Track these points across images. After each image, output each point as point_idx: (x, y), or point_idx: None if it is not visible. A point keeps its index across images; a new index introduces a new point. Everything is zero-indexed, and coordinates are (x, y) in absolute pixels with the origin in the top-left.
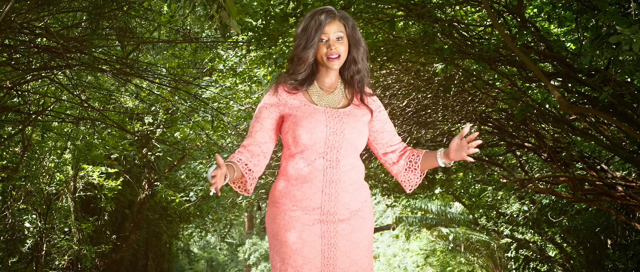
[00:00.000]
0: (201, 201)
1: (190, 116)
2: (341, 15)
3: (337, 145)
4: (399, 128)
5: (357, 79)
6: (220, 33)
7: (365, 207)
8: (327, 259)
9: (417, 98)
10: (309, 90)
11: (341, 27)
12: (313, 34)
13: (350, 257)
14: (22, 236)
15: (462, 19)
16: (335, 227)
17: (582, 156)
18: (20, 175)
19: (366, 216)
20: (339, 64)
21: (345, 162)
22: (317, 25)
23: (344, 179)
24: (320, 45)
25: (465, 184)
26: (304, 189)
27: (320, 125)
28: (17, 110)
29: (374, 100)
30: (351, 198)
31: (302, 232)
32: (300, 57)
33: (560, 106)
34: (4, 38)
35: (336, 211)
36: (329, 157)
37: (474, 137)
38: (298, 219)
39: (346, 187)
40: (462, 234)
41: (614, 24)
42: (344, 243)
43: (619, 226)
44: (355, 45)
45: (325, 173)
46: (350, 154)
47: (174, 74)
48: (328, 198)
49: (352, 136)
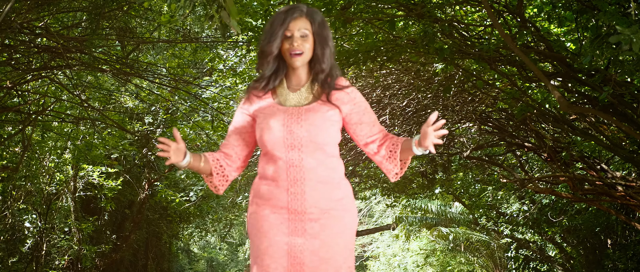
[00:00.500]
0: (201, 201)
1: (190, 116)
2: (309, 12)
3: (297, 143)
4: (399, 128)
5: (320, 78)
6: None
7: (340, 205)
8: (293, 258)
9: (417, 98)
10: (277, 91)
11: (307, 25)
12: (277, 29)
13: (319, 256)
14: (22, 235)
15: (462, 18)
16: (303, 226)
17: (582, 155)
18: (20, 175)
19: (339, 214)
20: (302, 61)
21: (310, 160)
22: (281, 20)
23: (310, 177)
24: (284, 41)
25: (465, 184)
26: (272, 188)
27: (278, 126)
28: (17, 110)
29: (349, 92)
30: (320, 196)
31: (269, 231)
32: (264, 51)
33: (560, 106)
34: (4, 38)
35: (304, 210)
36: (291, 156)
37: (439, 126)
38: (266, 219)
39: (313, 185)
40: (462, 234)
41: (614, 23)
42: (312, 242)
43: (619, 226)
44: (321, 43)
45: (289, 172)
46: (314, 152)
47: (174, 74)
48: (294, 197)
49: (311, 133)
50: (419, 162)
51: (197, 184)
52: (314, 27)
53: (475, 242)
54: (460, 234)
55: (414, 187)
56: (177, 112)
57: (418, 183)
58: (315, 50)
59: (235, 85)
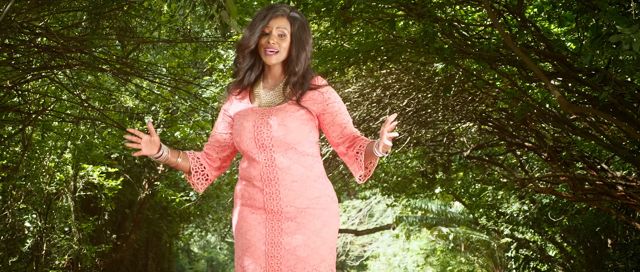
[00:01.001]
0: (201, 200)
1: (191, 116)
2: (290, 14)
3: (267, 143)
4: (399, 128)
5: (292, 80)
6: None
7: (317, 204)
8: (271, 258)
9: (417, 98)
10: (254, 91)
11: (287, 25)
12: (257, 24)
13: (296, 255)
14: (22, 235)
15: (462, 18)
16: (279, 225)
17: (582, 155)
18: (21, 175)
19: (317, 212)
20: (276, 59)
21: (282, 160)
22: (262, 16)
23: (283, 176)
24: (261, 37)
25: (465, 184)
26: (249, 189)
27: (249, 126)
28: (17, 110)
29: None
30: (296, 196)
31: (248, 231)
32: (241, 44)
33: (560, 106)
34: (4, 38)
35: (280, 210)
36: (263, 156)
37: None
38: (245, 219)
39: (288, 185)
40: (463, 233)
41: (614, 23)
42: (289, 241)
43: (619, 226)
44: (297, 46)
45: (263, 172)
46: (286, 151)
47: (174, 74)
48: (269, 197)
49: (280, 132)
50: (419, 162)
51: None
52: (293, 28)
53: (475, 242)
54: (460, 234)
55: (414, 187)
56: (177, 112)
57: (418, 183)
58: (291, 51)
59: None
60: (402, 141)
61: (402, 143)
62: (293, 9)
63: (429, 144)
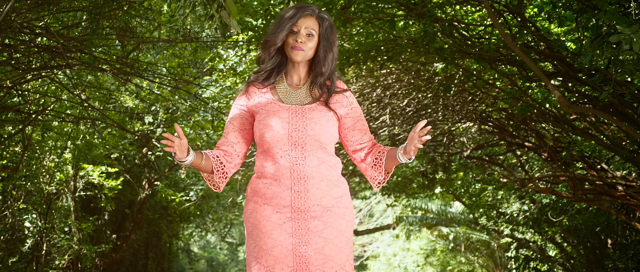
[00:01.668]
0: (201, 200)
1: (191, 116)
2: (320, 14)
3: (301, 141)
4: (399, 128)
5: (319, 82)
6: (220, 33)
7: (340, 203)
8: (298, 258)
9: (417, 97)
10: (277, 88)
11: (315, 25)
12: (285, 22)
13: (324, 254)
14: (22, 235)
15: (462, 18)
16: (306, 225)
17: (582, 155)
18: (21, 175)
19: (341, 211)
20: (302, 57)
21: (312, 159)
22: (291, 14)
23: (313, 175)
24: (289, 35)
25: (465, 184)
26: (273, 187)
27: (283, 123)
28: (17, 110)
29: (346, 96)
30: (323, 194)
31: (272, 231)
32: (268, 41)
33: (560, 106)
34: (4, 38)
35: (307, 208)
36: (295, 154)
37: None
38: (268, 218)
39: (316, 183)
40: (463, 233)
41: (614, 23)
42: (316, 240)
43: (619, 226)
44: (325, 47)
45: (293, 170)
46: (317, 150)
47: (174, 74)
48: (297, 195)
49: (315, 131)
50: (419, 162)
51: (197, 184)
52: (322, 29)
53: (475, 242)
54: (460, 234)
55: (414, 187)
56: (177, 112)
57: (418, 183)
58: (318, 52)
59: (235, 85)
60: (402, 140)
61: (402, 143)
62: (321, 9)
63: (429, 144)
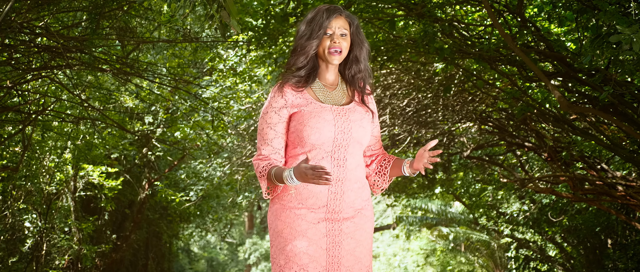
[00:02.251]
0: (201, 200)
1: (191, 116)
2: (347, 14)
3: (345, 143)
4: (399, 128)
5: (358, 78)
6: (220, 33)
7: (368, 205)
8: (332, 258)
9: (418, 98)
10: (312, 87)
11: (346, 25)
12: (319, 26)
13: (355, 256)
14: (22, 235)
15: (462, 18)
16: (339, 226)
17: (582, 155)
18: (21, 175)
19: (368, 214)
20: (339, 59)
21: (352, 161)
22: (324, 18)
23: (350, 177)
24: (324, 38)
25: (465, 184)
26: (311, 187)
27: (329, 125)
28: (17, 110)
29: (372, 99)
30: (356, 196)
31: (307, 230)
32: (304, 47)
33: (560, 106)
34: (4, 38)
35: (341, 210)
36: (337, 155)
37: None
38: (303, 217)
39: (351, 185)
40: (463, 233)
41: (614, 23)
42: (349, 241)
43: (619, 226)
44: (358, 44)
45: (333, 172)
46: (357, 152)
47: (174, 74)
48: (334, 197)
49: (359, 133)
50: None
51: (197, 184)
52: (352, 28)
53: (475, 242)
54: (460, 234)
55: (414, 187)
56: (177, 112)
57: (418, 183)
58: (353, 51)
59: (235, 85)
60: (402, 140)
61: (402, 143)
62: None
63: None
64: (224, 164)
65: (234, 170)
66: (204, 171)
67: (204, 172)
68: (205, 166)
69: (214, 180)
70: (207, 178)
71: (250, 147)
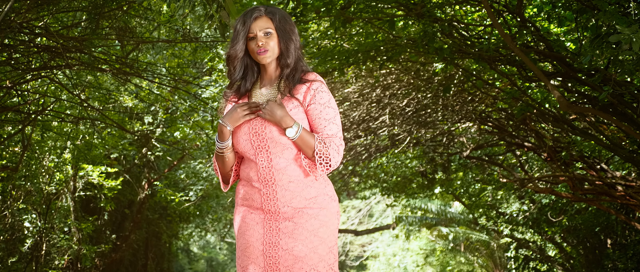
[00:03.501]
0: (201, 200)
1: (190, 116)
2: (268, 10)
3: (264, 144)
4: (398, 128)
5: (286, 72)
6: (220, 33)
7: (314, 203)
8: (269, 259)
9: (417, 98)
10: (252, 93)
11: (268, 23)
12: (239, 32)
13: (293, 255)
14: (21, 235)
15: (461, 18)
16: (277, 225)
17: (581, 155)
18: (20, 175)
19: (314, 212)
20: (270, 57)
21: (279, 161)
22: (242, 23)
23: (280, 177)
24: (249, 43)
25: (465, 184)
26: (247, 190)
27: (244, 128)
28: (17, 110)
29: (313, 89)
30: (293, 196)
31: (245, 232)
32: (229, 55)
33: (560, 106)
34: (3, 38)
35: (278, 210)
36: (261, 157)
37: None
38: (244, 219)
39: (284, 185)
40: (462, 233)
41: (613, 23)
42: (286, 241)
43: (618, 226)
44: (284, 38)
45: (260, 173)
46: (282, 152)
47: (173, 74)
48: (266, 198)
49: (275, 133)
50: (418, 162)
51: (196, 184)
52: (275, 23)
53: (475, 242)
54: (460, 234)
55: (413, 187)
56: (177, 112)
57: (418, 183)
58: (280, 45)
59: None
60: (401, 140)
61: (402, 143)
62: (268, 6)
63: (428, 144)
64: None
65: None
66: (203, 171)
67: (203, 172)
68: (205, 166)
69: (213, 180)
70: (207, 178)
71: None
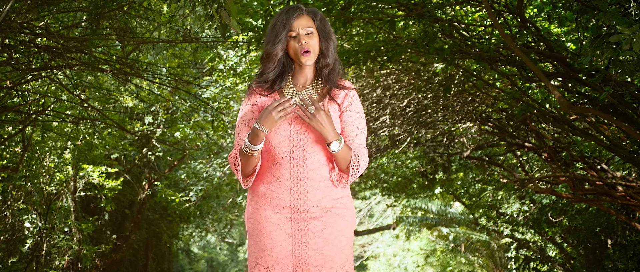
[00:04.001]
0: (201, 201)
1: (191, 116)
2: (309, 10)
3: (303, 143)
4: (399, 128)
5: (325, 73)
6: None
7: (340, 203)
8: (298, 258)
9: (417, 98)
10: (283, 89)
11: (310, 22)
12: (281, 30)
13: (323, 254)
14: (22, 235)
15: (462, 18)
16: (306, 225)
17: (582, 155)
18: (20, 175)
19: (340, 212)
20: (311, 59)
21: (313, 160)
22: (284, 21)
23: (313, 176)
24: (290, 41)
25: (465, 184)
26: (273, 187)
27: (285, 124)
28: (17, 110)
29: (348, 96)
30: (322, 195)
31: (272, 232)
32: (269, 53)
33: (560, 106)
34: (4, 38)
35: (307, 209)
36: (296, 155)
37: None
38: (268, 219)
39: (316, 184)
40: (463, 234)
41: (614, 23)
42: (316, 240)
43: (619, 226)
44: (325, 38)
45: (292, 171)
46: (318, 152)
47: (174, 74)
48: (297, 196)
49: (317, 133)
50: (419, 162)
51: (197, 184)
52: (317, 23)
53: (475, 242)
54: (460, 234)
55: (414, 187)
56: (177, 112)
57: (418, 183)
58: (320, 45)
59: (235, 85)
60: (402, 141)
61: (402, 143)
62: (307, 6)
63: (429, 144)
64: (224, 164)
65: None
66: (204, 171)
67: (204, 173)
68: (205, 166)
69: (214, 180)
70: (207, 178)
71: None
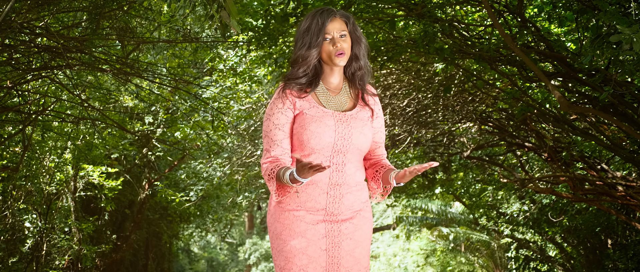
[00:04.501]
0: (201, 201)
1: (191, 116)
2: (341, 13)
3: (344, 149)
4: (399, 128)
5: (358, 76)
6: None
7: (366, 206)
8: (331, 258)
9: (418, 98)
10: (316, 91)
11: (343, 25)
12: (317, 33)
13: (354, 256)
14: (22, 235)
15: (462, 18)
16: (338, 227)
17: (582, 155)
18: (21, 175)
19: (367, 215)
20: (345, 60)
21: (351, 166)
22: (320, 24)
23: (348, 181)
24: (324, 44)
25: (465, 184)
26: (309, 190)
27: (329, 130)
28: (17, 110)
29: (376, 102)
30: (354, 199)
31: (306, 231)
32: (305, 57)
33: (560, 106)
34: (4, 38)
35: (340, 212)
36: (335, 160)
37: (426, 168)
38: (302, 219)
39: (350, 189)
40: (463, 233)
41: (614, 23)
42: (348, 242)
43: (619, 226)
44: (357, 42)
45: (331, 176)
46: (356, 158)
47: (174, 74)
48: (332, 200)
49: (359, 140)
50: (419, 162)
51: (197, 184)
52: (350, 26)
53: (475, 242)
54: (460, 234)
55: (414, 187)
56: (177, 112)
57: (418, 183)
58: (353, 49)
59: (235, 85)
60: (402, 141)
61: (402, 143)
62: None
63: (429, 144)
64: (224, 164)
65: (234, 170)
66: (204, 171)
67: (204, 173)
68: (205, 166)
69: (214, 180)
70: (207, 178)
71: (250, 147)
